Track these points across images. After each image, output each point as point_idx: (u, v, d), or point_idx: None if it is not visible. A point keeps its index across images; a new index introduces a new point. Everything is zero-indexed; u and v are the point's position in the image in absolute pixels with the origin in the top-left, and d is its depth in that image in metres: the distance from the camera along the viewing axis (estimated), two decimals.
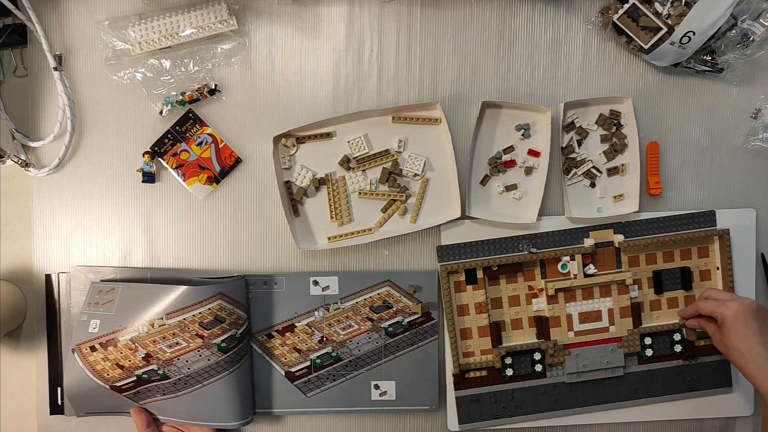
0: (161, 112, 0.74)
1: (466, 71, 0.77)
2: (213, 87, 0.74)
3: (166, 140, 0.75)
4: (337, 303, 0.75)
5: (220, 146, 0.75)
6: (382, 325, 0.75)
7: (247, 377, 0.75)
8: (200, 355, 0.72)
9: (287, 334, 0.76)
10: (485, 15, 0.76)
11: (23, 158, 0.74)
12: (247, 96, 0.76)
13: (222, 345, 0.72)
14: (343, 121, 0.75)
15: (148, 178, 0.75)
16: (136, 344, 0.72)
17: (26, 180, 0.76)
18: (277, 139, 0.74)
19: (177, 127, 0.75)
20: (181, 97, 0.74)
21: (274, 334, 0.76)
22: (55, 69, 0.72)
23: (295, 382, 0.76)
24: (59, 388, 0.76)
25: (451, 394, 0.77)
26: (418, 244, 0.77)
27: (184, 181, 0.76)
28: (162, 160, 0.75)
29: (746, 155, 0.78)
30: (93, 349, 0.73)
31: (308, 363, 0.76)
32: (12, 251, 0.77)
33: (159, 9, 0.73)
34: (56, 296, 0.76)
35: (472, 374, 0.76)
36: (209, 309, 0.71)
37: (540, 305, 0.77)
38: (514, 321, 0.77)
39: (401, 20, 0.76)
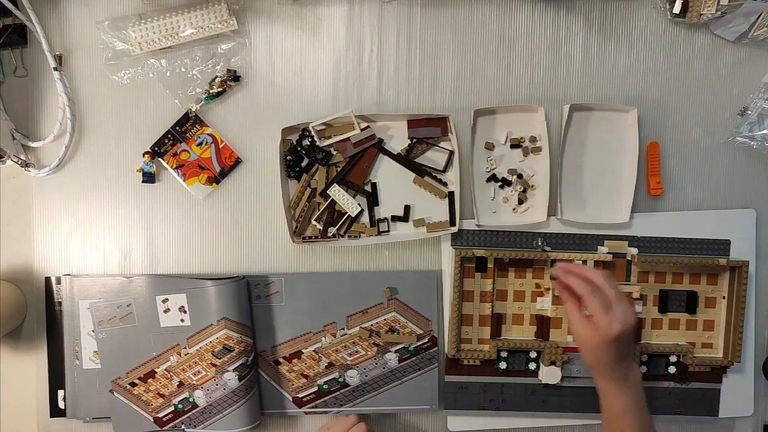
0: (189, 112, 0.74)
1: (466, 71, 0.76)
2: (236, 74, 0.74)
3: (166, 140, 0.75)
4: (344, 329, 0.76)
5: (220, 146, 0.75)
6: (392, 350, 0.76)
7: (255, 387, 0.75)
8: (216, 384, 0.74)
9: (294, 360, 0.76)
10: (485, 15, 0.76)
11: (23, 158, 0.74)
12: (247, 96, 0.76)
13: (235, 373, 0.74)
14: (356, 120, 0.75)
15: (148, 178, 0.75)
16: (171, 373, 0.75)
17: (26, 180, 0.76)
18: (285, 132, 0.74)
19: (177, 128, 0.75)
20: (212, 91, 0.73)
21: (281, 360, 0.76)
22: (55, 69, 0.72)
23: (303, 408, 0.77)
24: (60, 391, 0.76)
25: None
26: (419, 244, 0.77)
27: (184, 181, 0.76)
28: (162, 160, 0.75)
29: (747, 156, 0.78)
30: (133, 384, 0.75)
31: (315, 388, 0.77)
32: (12, 251, 0.77)
33: (159, 9, 0.73)
34: (57, 298, 0.76)
35: (465, 361, 0.76)
36: (217, 338, 0.73)
37: (544, 304, 0.77)
38: (516, 316, 0.77)
39: (401, 20, 0.76)
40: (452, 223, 0.76)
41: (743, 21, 0.74)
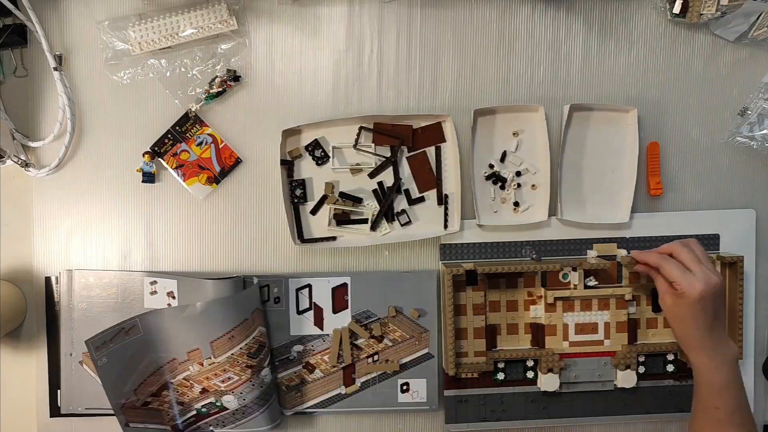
0: (189, 112, 0.74)
1: (466, 71, 0.76)
2: (235, 74, 0.74)
3: (166, 140, 0.75)
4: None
5: (220, 146, 0.75)
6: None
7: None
8: (253, 385, 0.72)
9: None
10: (485, 15, 0.76)
11: (23, 158, 0.74)
12: (247, 96, 0.76)
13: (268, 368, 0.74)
14: (353, 123, 0.75)
15: (148, 178, 0.75)
16: (191, 381, 0.72)
17: (26, 180, 0.76)
18: (285, 134, 0.74)
19: (177, 127, 0.75)
20: (212, 91, 0.73)
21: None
22: (55, 69, 0.72)
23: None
24: (59, 391, 0.76)
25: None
26: (419, 244, 0.77)
27: (184, 181, 0.76)
28: (162, 160, 0.75)
29: (747, 156, 0.78)
30: (146, 404, 0.72)
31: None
32: (12, 251, 0.77)
33: (159, 9, 0.73)
34: (56, 298, 0.76)
35: (463, 375, 0.75)
36: (254, 338, 0.72)
37: (537, 312, 0.76)
38: (510, 326, 0.77)
39: (401, 20, 0.76)
40: (446, 225, 0.76)
41: (743, 21, 0.74)
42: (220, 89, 0.74)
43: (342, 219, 0.76)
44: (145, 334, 0.70)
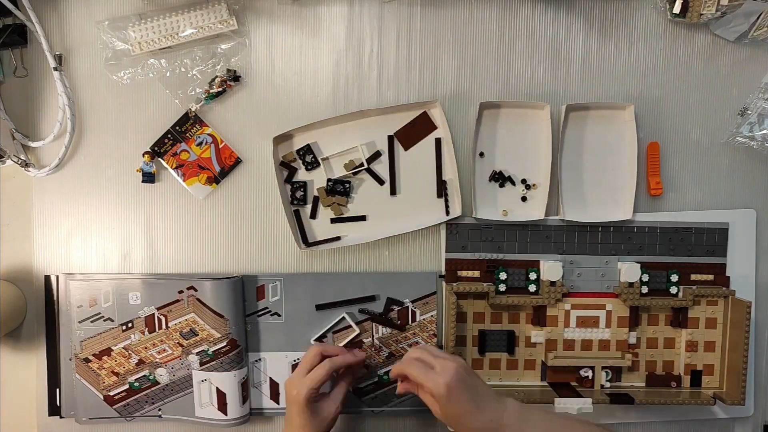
0: (189, 112, 0.74)
1: (466, 71, 0.76)
2: (235, 74, 0.74)
3: (166, 140, 0.75)
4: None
5: (220, 146, 0.75)
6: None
7: (237, 381, 0.75)
8: (182, 364, 0.75)
9: None
10: (485, 15, 0.76)
11: (23, 158, 0.74)
12: (247, 96, 0.76)
13: (197, 357, 0.75)
14: (342, 121, 0.75)
15: (148, 178, 0.75)
16: (130, 351, 0.75)
17: (26, 180, 0.76)
18: (277, 140, 0.74)
19: (177, 127, 0.75)
20: (212, 91, 0.73)
21: None
22: (55, 69, 0.72)
23: None
24: (58, 390, 0.76)
25: None
26: (419, 244, 0.77)
27: (183, 181, 0.76)
28: (162, 160, 0.75)
29: (747, 156, 0.78)
30: (87, 360, 0.75)
31: None
32: (12, 251, 0.77)
33: (159, 9, 0.73)
34: (55, 298, 0.76)
35: None
36: (185, 320, 0.74)
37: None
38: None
39: (401, 20, 0.76)
40: (448, 212, 0.76)
41: (743, 21, 0.74)
42: (220, 89, 0.74)
43: (338, 218, 0.76)
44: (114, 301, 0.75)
